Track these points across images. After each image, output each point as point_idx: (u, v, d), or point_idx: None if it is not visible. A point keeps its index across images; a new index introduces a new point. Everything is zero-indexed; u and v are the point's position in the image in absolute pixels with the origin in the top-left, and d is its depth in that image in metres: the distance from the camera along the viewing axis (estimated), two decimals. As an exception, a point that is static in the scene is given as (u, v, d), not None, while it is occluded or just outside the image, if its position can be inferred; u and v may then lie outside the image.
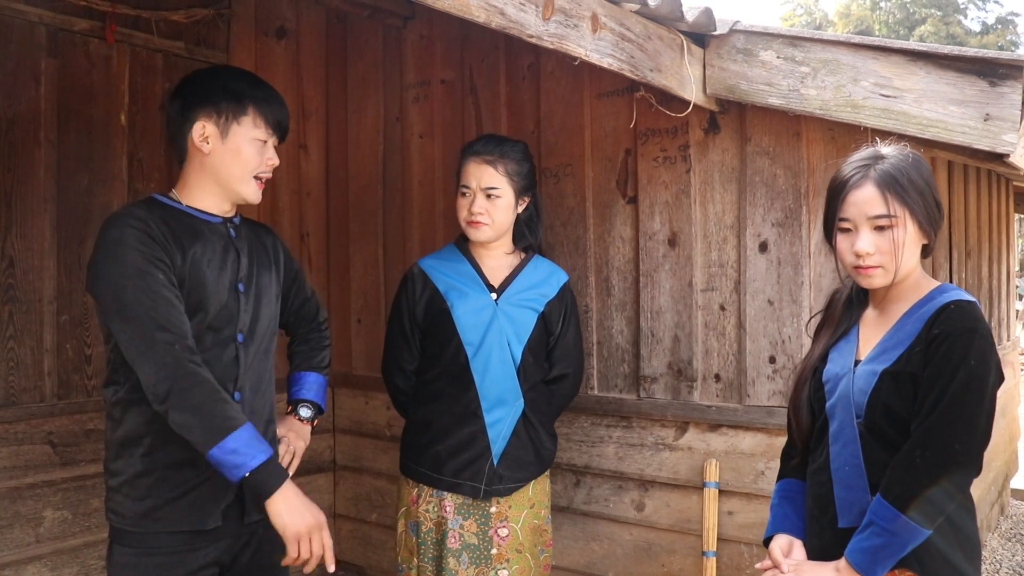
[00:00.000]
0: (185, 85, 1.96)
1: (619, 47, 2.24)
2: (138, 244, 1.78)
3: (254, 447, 1.74)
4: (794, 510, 1.89)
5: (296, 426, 2.20)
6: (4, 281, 2.87)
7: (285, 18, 3.76)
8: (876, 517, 1.63)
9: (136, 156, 3.22)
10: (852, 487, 1.72)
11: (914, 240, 1.72)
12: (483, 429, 2.50)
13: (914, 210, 1.70)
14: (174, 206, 1.93)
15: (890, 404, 1.69)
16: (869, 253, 1.71)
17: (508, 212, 2.55)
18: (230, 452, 1.72)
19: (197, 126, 1.90)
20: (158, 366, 1.73)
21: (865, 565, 1.64)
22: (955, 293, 1.71)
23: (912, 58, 2.26)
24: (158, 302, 1.76)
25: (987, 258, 4.67)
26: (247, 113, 1.92)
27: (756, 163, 2.69)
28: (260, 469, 1.73)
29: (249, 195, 1.98)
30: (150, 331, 1.74)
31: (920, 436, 1.63)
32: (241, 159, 1.93)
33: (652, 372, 2.92)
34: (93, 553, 3.04)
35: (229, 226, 2.00)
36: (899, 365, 1.69)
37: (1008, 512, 5.42)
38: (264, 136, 1.96)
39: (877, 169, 1.71)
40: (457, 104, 3.45)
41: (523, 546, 2.52)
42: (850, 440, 1.73)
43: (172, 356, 1.74)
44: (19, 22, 2.88)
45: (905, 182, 1.69)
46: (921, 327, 1.68)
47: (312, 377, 2.27)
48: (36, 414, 2.92)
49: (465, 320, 2.53)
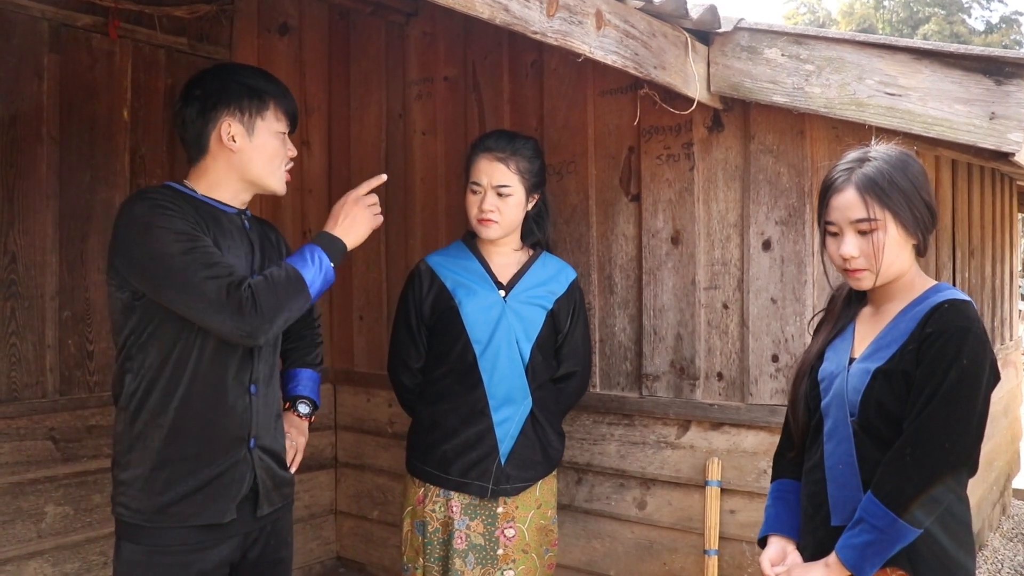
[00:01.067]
0: (198, 86, 1.95)
1: (623, 44, 2.23)
2: (167, 210, 1.79)
3: (319, 256, 1.89)
4: (787, 510, 1.89)
5: (295, 422, 2.23)
6: (6, 277, 2.87)
7: (288, 14, 3.76)
8: (866, 514, 1.64)
9: (138, 152, 3.22)
10: (846, 485, 1.72)
11: (898, 242, 1.71)
12: (491, 428, 2.49)
13: (896, 212, 1.69)
14: (191, 194, 1.94)
15: (883, 402, 1.68)
16: (853, 256, 1.72)
17: (519, 210, 2.54)
18: (321, 253, 1.90)
19: (223, 126, 1.91)
20: (230, 314, 1.75)
21: (854, 562, 1.64)
22: (950, 292, 1.72)
23: (917, 56, 2.25)
24: (203, 248, 1.78)
25: (990, 258, 4.66)
26: (269, 108, 1.95)
27: (760, 161, 2.68)
28: (331, 249, 1.93)
29: (278, 186, 2.01)
30: (201, 268, 1.75)
31: (911, 435, 1.62)
32: (268, 153, 1.96)
33: (654, 370, 2.91)
34: (95, 549, 3.04)
35: (244, 218, 2.02)
36: (892, 364, 1.69)
37: (1010, 512, 5.41)
38: (284, 128, 2.00)
39: (859, 173, 1.72)
40: (460, 101, 3.44)
41: (529, 546, 2.51)
42: (844, 438, 1.73)
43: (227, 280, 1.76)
44: (22, 17, 2.88)
45: (886, 184, 1.69)
46: (915, 326, 1.68)
47: (307, 374, 2.30)
48: (38, 410, 2.92)
49: (473, 317, 2.51)
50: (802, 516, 1.85)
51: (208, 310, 1.74)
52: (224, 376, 1.89)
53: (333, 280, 1.92)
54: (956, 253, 3.87)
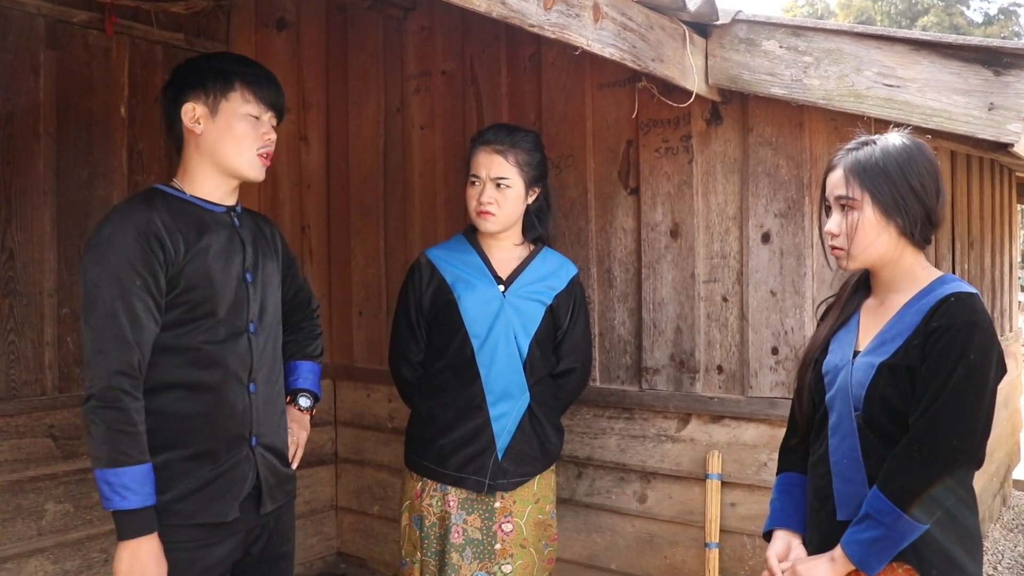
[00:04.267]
0: (176, 73, 1.96)
1: (621, 37, 2.23)
2: (124, 247, 1.78)
3: (134, 490, 1.74)
4: (792, 504, 1.89)
5: (296, 416, 2.23)
6: (4, 274, 2.86)
7: (285, 9, 3.74)
8: (872, 510, 1.63)
9: (136, 148, 3.21)
10: (850, 480, 1.72)
11: (874, 224, 1.71)
12: (488, 423, 2.48)
13: (875, 194, 1.70)
14: (178, 196, 1.93)
15: (888, 397, 1.68)
16: (833, 233, 1.75)
17: (518, 203, 2.53)
18: (108, 482, 1.73)
19: (187, 107, 1.90)
20: (96, 375, 1.76)
21: (861, 557, 1.64)
22: (956, 285, 1.70)
23: (916, 47, 2.25)
24: (123, 313, 1.76)
25: (990, 249, 4.66)
26: (235, 89, 1.91)
27: (759, 153, 2.67)
28: (126, 512, 1.73)
29: (248, 171, 1.96)
30: (105, 339, 1.76)
31: (919, 431, 1.62)
32: (233, 134, 1.91)
33: (654, 364, 2.91)
34: (95, 546, 3.04)
35: (233, 215, 2.00)
36: (897, 358, 1.68)
37: (1010, 503, 5.42)
38: (256, 112, 1.94)
39: (851, 154, 1.75)
40: (458, 95, 3.43)
41: (527, 541, 2.51)
42: (848, 433, 1.73)
43: (112, 371, 1.75)
44: (17, 14, 2.87)
45: (870, 166, 1.70)
46: (920, 319, 1.67)
47: (307, 366, 2.29)
48: (37, 407, 2.92)
49: (472, 312, 2.51)
50: (808, 510, 1.85)
51: (88, 362, 1.78)
52: (222, 375, 1.89)
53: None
54: (955, 244, 3.86)
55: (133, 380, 1.77)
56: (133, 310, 1.77)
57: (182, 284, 1.84)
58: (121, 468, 1.73)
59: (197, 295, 1.85)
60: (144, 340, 1.79)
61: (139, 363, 1.78)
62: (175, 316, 1.84)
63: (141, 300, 1.78)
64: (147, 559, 1.74)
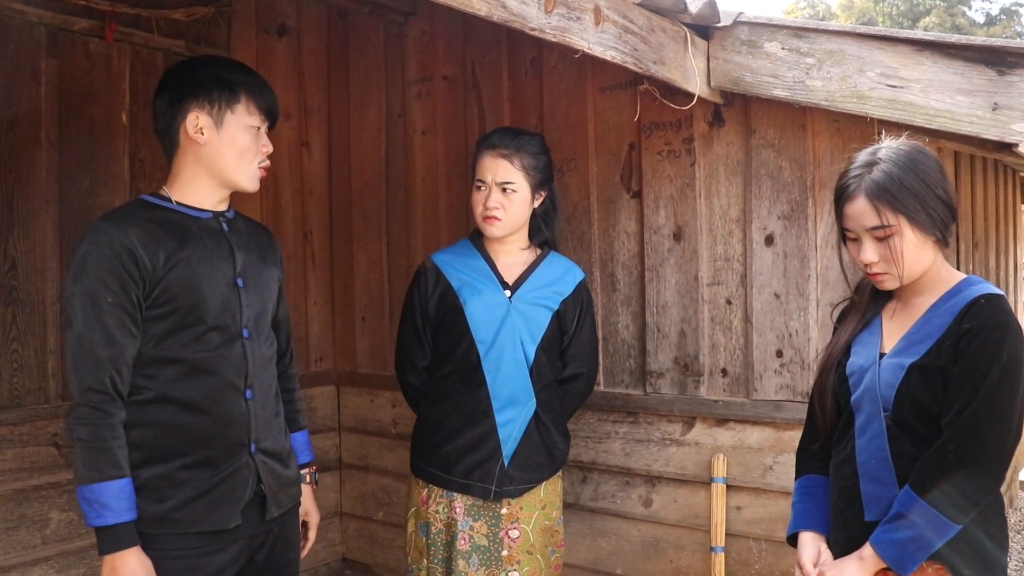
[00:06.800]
0: (172, 77, 1.92)
1: (622, 40, 2.22)
2: (98, 265, 1.77)
3: (109, 506, 1.73)
4: (816, 505, 1.88)
5: (307, 492, 2.27)
6: (7, 283, 2.86)
7: (286, 15, 3.74)
8: (906, 510, 1.63)
9: (138, 156, 3.21)
10: (879, 481, 1.71)
11: (917, 243, 1.70)
12: (494, 429, 2.46)
13: (911, 216, 1.68)
14: (163, 205, 1.91)
15: (919, 398, 1.68)
16: (874, 262, 1.73)
17: (524, 207, 2.51)
18: (85, 498, 1.73)
19: (191, 117, 1.88)
20: (72, 392, 1.77)
21: (896, 557, 1.64)
22: (983, 286, 1.71)
23: (919, 48, 2.24)
24: (96, 331, 1.76)
25: (994, 249, 4.64)
26: (240, 100, 1.90)
27: (761, 156, 2.67)
28: (103, 528, 1.74)
29: (248, 184, 1.95)
30: (79, 357, 1.76)
31: (954, 432, 1.62)
32: (237, 147, 1.90)
33: (658, 367, 2.90)
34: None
35: (221, 220, 1.98)
36: (928, 359, 1.68)
37: (1016, 504, 5.40)
38: (258, 123, 1.94)
39: (868, 179, 1.71)
40: (460, 100, 3.43)
41: (534, 547, 2.49)
42: (877, 434, 1.72)
43: (84, 388, 1.75)
44: (18, 22, 2.87)
45: (896, 189, 1.68)
46: (951, 320, 1.68)
47: (301, 438, 2.27)
48: (41, 416, 2.91)
49: (478, 317, 2.49)
50: (832, 511, 1.84)
51: (71, 371, 1.78)
52: (218, 384, 1.87)
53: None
54: (960, 245, 3.85)
55: (104, 396, 1.76)
56: (106, 327, 1.76)
57: (165, 295, 1.82)
58: (95, 484, 1.73)
59: (183, 303, 1.83)
60: (119, 356, 1.78)
61: (112, 380, 1.77)
62: (165, 327, 1.83)
63: (113, 316, 1.77)
64: (126, 573, 1.74)
